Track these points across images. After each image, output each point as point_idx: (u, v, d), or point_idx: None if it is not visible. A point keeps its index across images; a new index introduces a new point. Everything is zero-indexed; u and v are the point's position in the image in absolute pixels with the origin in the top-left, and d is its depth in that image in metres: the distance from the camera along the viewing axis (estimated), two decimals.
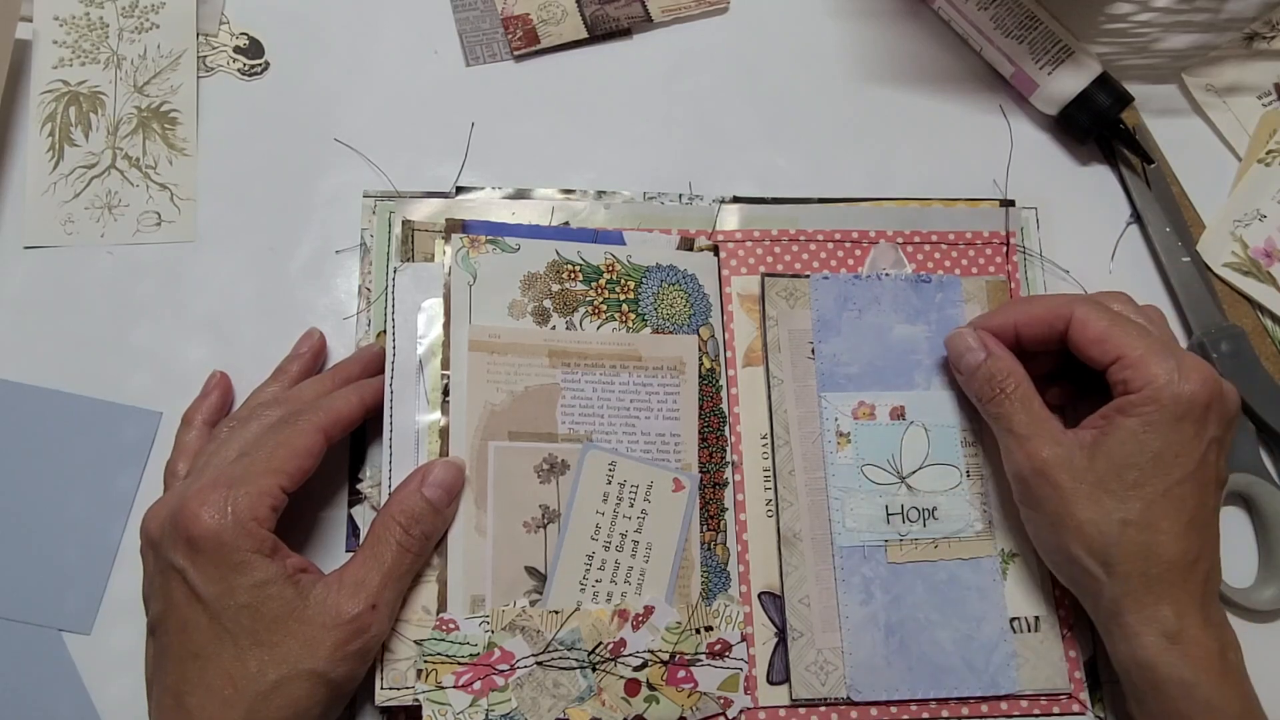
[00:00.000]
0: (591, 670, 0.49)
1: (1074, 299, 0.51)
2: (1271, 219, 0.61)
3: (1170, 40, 0.65)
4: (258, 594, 0.43)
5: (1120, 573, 0.46)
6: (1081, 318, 0.49)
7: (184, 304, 0.56)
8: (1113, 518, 0.46)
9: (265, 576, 0.43)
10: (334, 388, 0.51)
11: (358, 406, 0.50)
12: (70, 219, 0.56)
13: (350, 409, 0.49)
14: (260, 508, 0.44)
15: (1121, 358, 0.48)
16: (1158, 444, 0.46)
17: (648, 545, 0.51)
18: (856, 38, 0.64)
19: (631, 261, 0.55)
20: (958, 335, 0.53)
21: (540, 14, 0.62)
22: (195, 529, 0.43)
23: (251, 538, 0.43)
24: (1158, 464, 0.46)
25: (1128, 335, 0.48)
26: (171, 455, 0.51)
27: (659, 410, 0.53)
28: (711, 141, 0.61)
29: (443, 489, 0.48)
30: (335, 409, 0.49)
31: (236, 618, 0.43)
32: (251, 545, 0.43)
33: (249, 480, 0.45)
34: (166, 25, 0.60)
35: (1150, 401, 0.46)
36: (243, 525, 0.43)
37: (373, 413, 0.51)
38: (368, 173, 0.58)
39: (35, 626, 0.50)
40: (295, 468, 0.46)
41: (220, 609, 0.43)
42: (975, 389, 0.52)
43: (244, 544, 0.43)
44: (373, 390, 0.51)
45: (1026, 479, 0.49)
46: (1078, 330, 0.49)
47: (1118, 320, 0.49)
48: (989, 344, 0.52)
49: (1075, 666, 0.52)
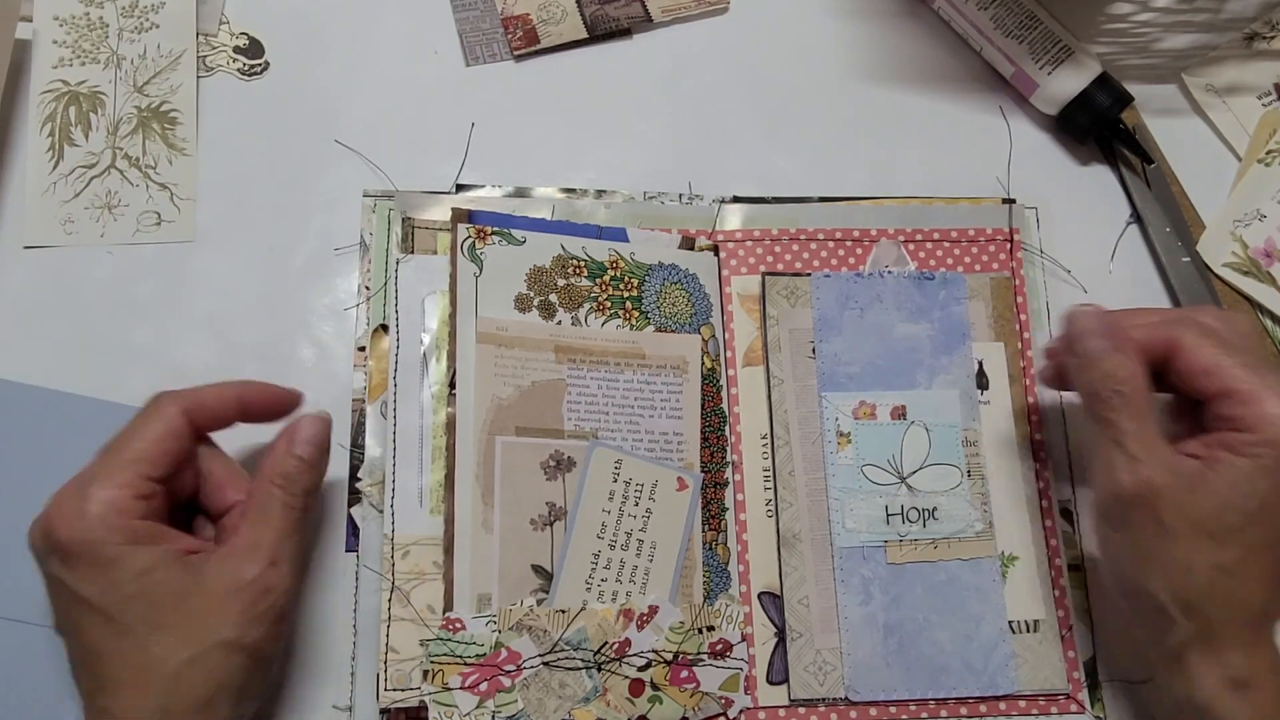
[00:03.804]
0: (597, 670, 0.49)
1: (1175, 321, 0.47)
2: (1271, 219, 0.61)
3: (1170, 40, 0.66)
4: (144, 582, 0.42)
5: (1200, 617, 0.44)
6: (1191, 346, 0.46)
7: (184, 304, 0.56)
8: (1207, 562, 0.43)
9: (147, 563, 0.42)
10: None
11: (232, 398, 0.47)
12: (70, 219, 0.56)
13: (220, 397, 0.47)
14: (122, 500, 0.43)
15: (1232, 392, 0.44)
16: (1267, 490, 0.43)
17: (652, 544, 0.51)
18: (856, 38, 0.65)
19: (635, 259, 0.55)
20: (1085, 314, 0.48)
21: (540, 14, 0.62)
22: (60, 534, 0.42)
23: (119, 531, 0.42)
24: (1264, 511, 0.43)
25: (1237, 368, 0.45)
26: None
27: (662, 409, 0.53)
28: (711, 141, 0.61)
29: (313, 445, 0.47)
30: (200, 393, 0.47)
31: (127, 609, 0.42)
32: (121, 538, 0.42)
33: (107, 474, 0.43)
34: (166, 25, 0.60)
35: (1266, 444, 0.43)
36: (106, 521, 0.42)
37: (254, 415, 0.49)
38: (368, 173, 0.58)
39: (35, 626, 0.50)
40: (157, 452, 0.44)
41: (107, 605, 0.42)
42: (1088, 383, 0.47)
43: (112, 538, 0.42)
44: (256, 389, 0.49)
45: (1126, 501, 0.45)
46: (1185, 358, 0.46)
47: (1224, 348, 0.46)
48: (1118, 336, 0.47)
49: (1074, 667, 0.52)
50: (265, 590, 0.44)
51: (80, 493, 0.43)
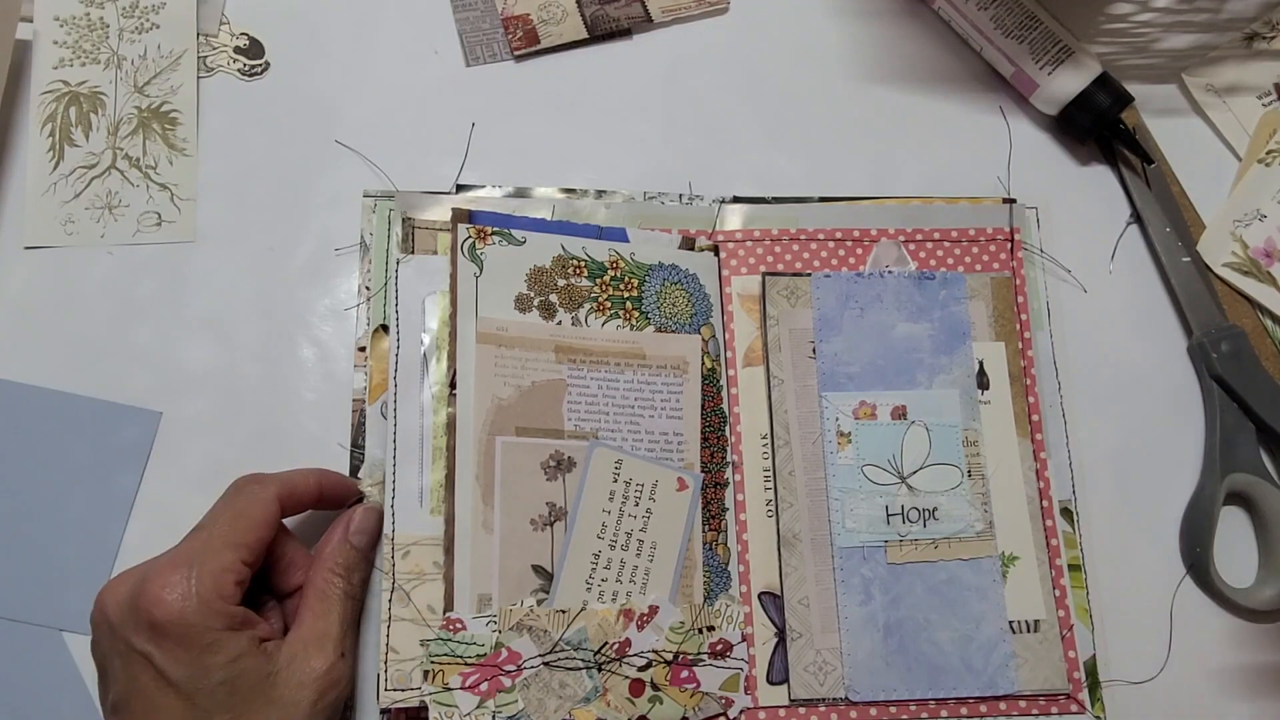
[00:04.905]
0: (597, 670, 0.49)
1: None
2: (1271, 219, 0.61)
3: (1170, 40, 0.66)
4: (232, 669, 0.43)
5: None
6: None
7: (184, 304, 0.56)
8: None
9: (238, 651, 0.43)
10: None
11: (314, 484, 0.49)
12: (70, 219, 0.56)
13: (306, 482, 0.49)
14: (224, 584, 0.43)
15: None
16: None
17: (652, 544, 0.51)
18: (856, 38, 0.65)
19: (635, 259, 0.55)
20: None
21: (540, 14, 0.62)
22: (159, 613, 0.42)
23: (220, 616, 0.43)
24: None
25: None
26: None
27: (662, 409, 0.53)
28: (711, 141, 0.61)
29: (366, 534, 0.49)
30: (291, 479, 0.48)
31: (213, 696, 0.42)
32: (221, 623, 0.43)
33: (209, 557, 0.44)
34: (166, 25, 0.60)
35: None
36: (209, 605, 0.42)
37: (327, 502, 0.50)
38: (368, 173, 0.58)
39: (35, 626, 0.50)
40: (254, 539, 0.45)
41: (194, 690, 0.42)
42: None
43: (213, 623, 0.42)
44: (332, 479, 0.51)
45: None
46: None
47: None
48: None
49: (1074, 667, 0.52)
50: (334, 683, 0.45)
51: (185, 573, 0.43)
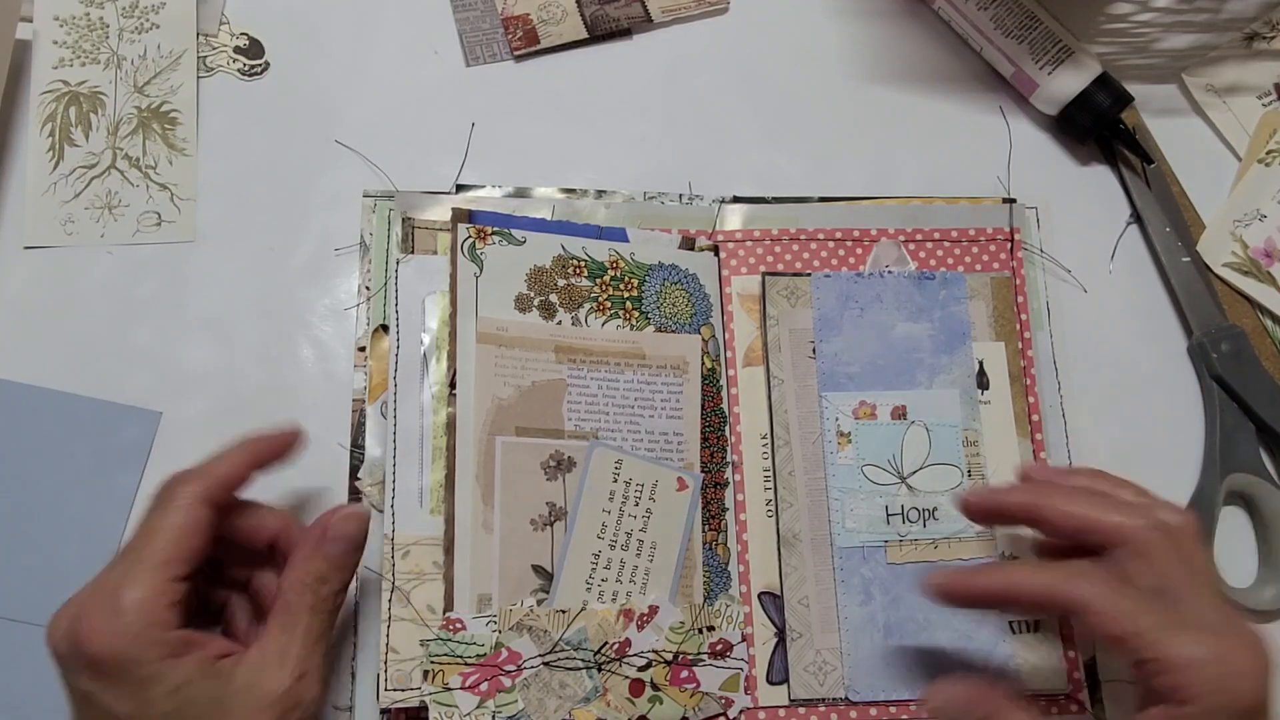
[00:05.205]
0: (597, 670, 0.49)
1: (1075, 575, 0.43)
2: (1271, 219, 0.61)
3: (1170, 40, 0.66)
4: (177, 699, 0.40)
5: None
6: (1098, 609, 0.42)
7: (184, 304, 0.56)
8: None
9: (182, 678, 0.40)
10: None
11: (242, 464, 0.45)
12: (70, 219, 0.56)
13: (232, 468, 0.45)
14: (156, 611, 0.40)
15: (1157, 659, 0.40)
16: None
17: (652, 544, 0.51)
18: (856, 38, 0.65)
19: (635, 259, 0.55)
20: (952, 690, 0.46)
21: (540, 14, 0.62)
22: (92, 649, 0.39)
23: (155, 645, 0.40)
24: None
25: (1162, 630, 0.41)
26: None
27: (662, 409, 0.53)
28: (711, 141, 0.61)
29: (345, 542, 0.45)
30: (215, 472, 0.44)
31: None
32: (159, 653, 0.40)
33: (136, 583, 0.41)
34: (166, 25, 0.60)
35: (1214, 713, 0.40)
36: (142, 637, 0.40)
37: (267, 465, 0.46)
38: (368, 173, 0.58)
39: (35, 626, 0.50)
40: (185, 550, 0.42)
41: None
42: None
43: (149, 655, 0.40)
44: (265, 444, 0.46)
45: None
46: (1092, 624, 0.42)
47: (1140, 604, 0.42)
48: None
49: (1074, 667, 0.52)
50: (295, 704, 0.42)
51: (112, 603, 0.40)
